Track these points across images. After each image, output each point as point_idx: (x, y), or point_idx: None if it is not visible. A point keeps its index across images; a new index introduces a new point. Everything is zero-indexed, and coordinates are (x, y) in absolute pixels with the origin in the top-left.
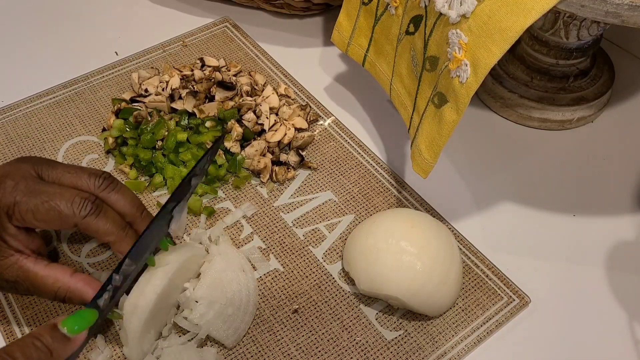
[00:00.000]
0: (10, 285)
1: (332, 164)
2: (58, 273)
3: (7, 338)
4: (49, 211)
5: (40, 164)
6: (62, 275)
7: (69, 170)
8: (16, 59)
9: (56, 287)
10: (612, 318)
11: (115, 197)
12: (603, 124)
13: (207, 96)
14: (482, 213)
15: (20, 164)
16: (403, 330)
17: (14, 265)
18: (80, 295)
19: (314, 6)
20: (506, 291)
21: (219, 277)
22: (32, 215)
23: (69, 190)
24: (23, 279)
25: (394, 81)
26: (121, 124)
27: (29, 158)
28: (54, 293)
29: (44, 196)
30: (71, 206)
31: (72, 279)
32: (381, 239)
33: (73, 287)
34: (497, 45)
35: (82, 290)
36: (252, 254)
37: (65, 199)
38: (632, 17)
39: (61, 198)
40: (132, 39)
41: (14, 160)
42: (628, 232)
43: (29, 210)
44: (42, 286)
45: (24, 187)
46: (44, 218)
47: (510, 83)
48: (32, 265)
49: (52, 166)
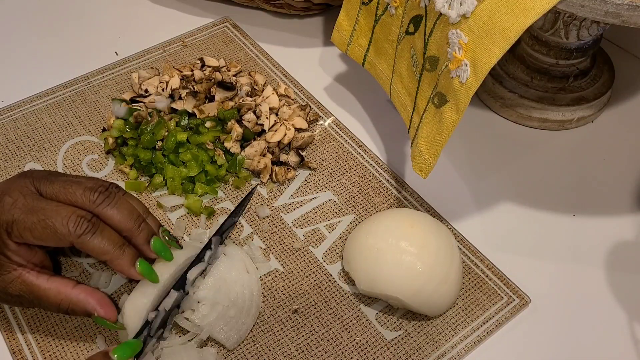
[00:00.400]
0: (14, 300)
1: (332, 164)
2: (60, 286)
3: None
4: (45, 229)
5: (40, 179)
6: (64, 287)
7: (66, 186)
8: (16, 59)
9: (59, 299)
10: (612, 318)
11: (110, 212)
12: (603, 124)
13: (207, 96)
14: (482, 213)
15: (20, 179)
16: (403, 330)
17: (17, 279)
18: (83, 307)
19: (314, 6)
20: (506, 291)
21: (222, 278)
22: (30, 234)
23: (66, 208)
24: (26, 292)
25: (394, 81)
26: (121, 124)
27: (29, 173)
28: (57, 305)
29: (40, 214)
30: (67, 224)
31: (74, 290)
32: (381, 239)
33: (75, 299)
34: (497, 45)
35: (84, 302)
36: (252, 254)
37: (61, 217)
38: (632, 17)
39: (57, 216)
40: (132, 39)
41: (15, 176)
42: (628, 232)
43: (27, 229)
44: (45, 299)
45: (22, 204)
46: (41, 236)
47: (510, 83)
48: (35, 279)
49: (51, 181)
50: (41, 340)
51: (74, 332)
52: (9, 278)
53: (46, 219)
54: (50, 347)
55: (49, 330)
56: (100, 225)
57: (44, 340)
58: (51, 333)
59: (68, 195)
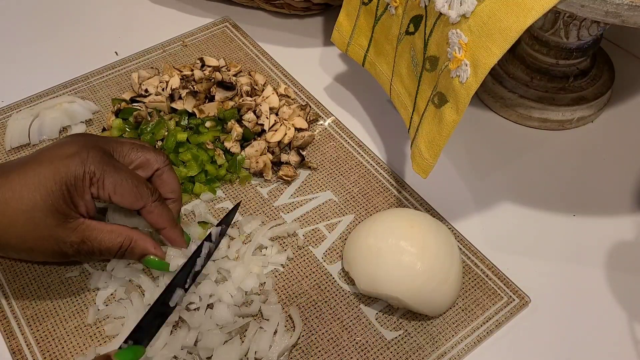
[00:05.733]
0: (74, 249)
1: (332, 164)
2: (120, 228)
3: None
4: (128, 188)
5: (110, 142)
6: (124, 229)
7: (135, 148)
8: (16, 59)
9: (121, 239)
10: (612, 318)
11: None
12: (603, 124)
13: (207, 96)
14: (482, 213)
15: (97, 140)
16: (403, 330)
17: (81, 225)
18: (144, 245)
19: (314, 6)
20: (506, 291)
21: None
22: (113, 188)
23: (142, 176)
24: (89, 238)
25: (394, 81)
26: (121, 124)
27: (96, 136)
28: (119, 244)
29: (125, 174)
30: (147, 189)
31: (134, 231)
32: (381, 239)
33: (137, 237)
34: (497, 45)
35: (145, 240)
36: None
37: (142, 182)
38: (632, 17)
39: (140, 180)
40: (132, 39)
41: (84, 135)
42: (628, 232)
43: (112, 183)
44: (108, 240)
45: (109, 161)
46: (122, 192)
47: (510, 83)
48: (97, 223)
49: (120, 143)
50: (41, 340)
51: (74, 332)
52: (74, 226)
53: (130, 180)
54: (50, 347)
55: (49, 330)
56: (163, 197)
57: (44, 340)
58: (51, 333)
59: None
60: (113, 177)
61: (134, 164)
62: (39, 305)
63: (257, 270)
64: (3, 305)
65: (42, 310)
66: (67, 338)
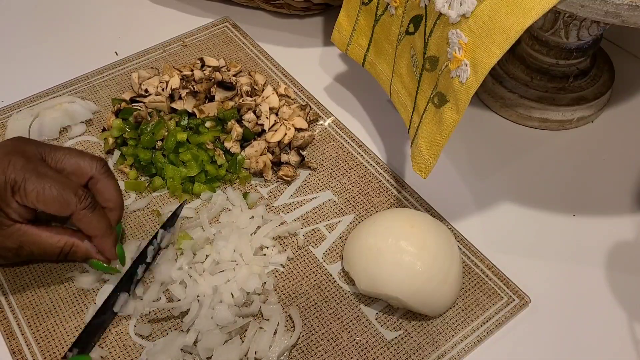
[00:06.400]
0: (13, 253)
1: (332, 164)
2: (60, 232)
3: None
4: (52, 196)
5: (43, 147)
6: (63, 232)
7: (68, 154)
8: (16, 59)
9: (62, 242)
10: (612, 318)
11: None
12: (603, 124)
13: (207, 96)
14: (482, 213)
15: (25, 145)
16: (403, 330)
17: (17, 232)
18: (85, 249)
19: (314, 6)
20: (506, 291)
21: None
22: (36, 196)
23: (73, 182)
24: (27, 242)
25: (394, 81)
26: (121, 124)
27: (30, 140)
28: (59, 249)
29: (49, 180)
30: (74, 196)
31: (76, 234)
32: (381, 239)
33: (78, 242)
34: (497, 45)
35: (87, 244)
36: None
37: (70, 187)
38: (632, 17)
39: (66, 186)
40: (132, 39)
41: (15, 139)
42: (628, 232)
43: (34, 190)
44: (47, 245)
45: (31, 168)
46: (46, 200)
47: (510, 83)
48: (34, 229)
49: (54, 149)
50: (41, 340)
51: (74, 332)
52: (8, 232)
53: (55, 186)
54: (50, 347)
55: (49, 330)
56: (98, 204)
57: (44, 340)
58: (51, 333)
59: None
60: (35, 185)
61: (66, 171)
62: (39, 305)
63: (258, 271)
64: (3, 305)
65: (42, 310)
66: (67, 338)
